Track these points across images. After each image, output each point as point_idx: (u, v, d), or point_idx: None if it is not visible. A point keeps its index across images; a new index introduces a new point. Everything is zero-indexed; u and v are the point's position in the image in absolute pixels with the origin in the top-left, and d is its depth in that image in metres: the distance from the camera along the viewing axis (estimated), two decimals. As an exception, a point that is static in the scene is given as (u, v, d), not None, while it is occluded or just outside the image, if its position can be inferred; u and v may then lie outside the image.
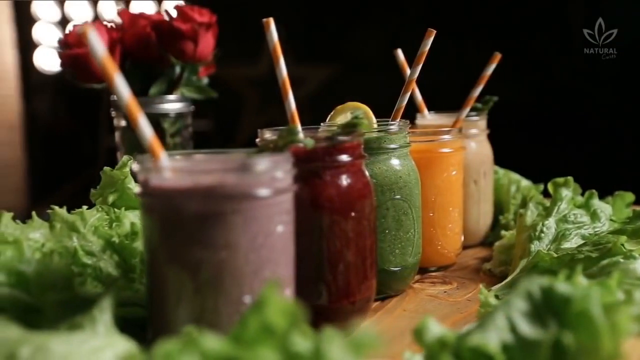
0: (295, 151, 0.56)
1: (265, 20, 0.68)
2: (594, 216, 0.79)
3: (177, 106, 1.02)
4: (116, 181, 0.72)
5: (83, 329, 0.47)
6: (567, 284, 0.46)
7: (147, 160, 0.51)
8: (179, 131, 1.03)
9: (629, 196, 0.86)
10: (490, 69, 0.91)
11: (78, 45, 0.97)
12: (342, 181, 0.62)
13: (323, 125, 0.75)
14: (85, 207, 0.68)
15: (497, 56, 0.90)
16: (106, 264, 0.63)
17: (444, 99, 1.01)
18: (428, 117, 1.00)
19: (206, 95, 1.08)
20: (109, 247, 0.65)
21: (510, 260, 0.81)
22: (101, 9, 3.48)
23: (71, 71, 1.01)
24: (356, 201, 0.62)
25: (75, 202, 0.72)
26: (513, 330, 0.44)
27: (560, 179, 0.83)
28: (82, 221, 0.65)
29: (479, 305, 0.63)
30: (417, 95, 0.99)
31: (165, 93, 1.03)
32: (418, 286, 0.80)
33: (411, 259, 0.76)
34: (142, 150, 0.52)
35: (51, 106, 3.71)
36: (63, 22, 3.51)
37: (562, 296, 0.45)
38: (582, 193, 0.82)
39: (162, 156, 0.51)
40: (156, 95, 1.02)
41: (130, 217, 0.69)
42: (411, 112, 0.95)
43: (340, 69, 2.86)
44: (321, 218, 0.61)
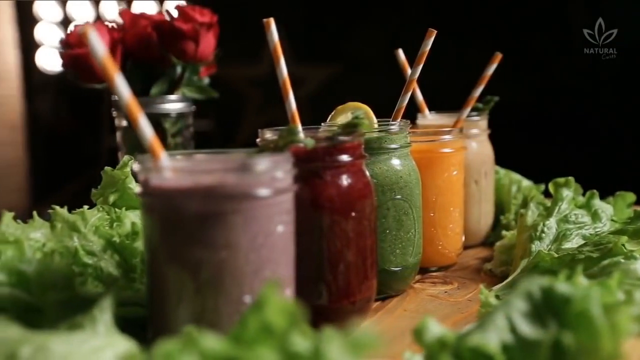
0: (295, 151, 0.56)
1: (265, 20, 0.68)
2: (595, 216, 0.78)
3: (178, 106, 1.02)
4: (117, 181, 0.72)
5: (83, 329, 0.47)
6: (567, 284, 0.46)
7: (148, 160, 0.51)
8: (180, 131, 1.03)
9: (630, 196, 0.86)
10: (491, 69, 0.91)
11: (79, 45, 0.98)
12: (343, 181, 0.62)
13: (324, 125, 0.75)
14: (86, 207, 0.68)
15: (498, 56, 0.90)
16: (107, 264, 0.63)
17: (445, 99, 1.01)
18: (429, 117, 1.00)
19: (207, 95, 1.08)
20: (110, 247, 0.65)
21: (511, 260, 0.81)
22: (103, 9, 3.49)
23: (73, 71, 1.02)
24: (356, 201, 0.62)
25: (77, 202, 0.72)
26: (513, 330, 0.44)
27: (561, 179, 0.83)
28: (83, 221, 0.65)
29: (480, 305, 0.63)
30: (418, 95, 0.99)
31: (166, 93, 1.03)
32: (419, 286, 0.80)
33: (412, 259, 0.76)
34: (143, 150, 0.52)
35: (53, 106, 3.72)
36: (65, 22, 3.51)
37: (562, 296, 0.45)
38: (583, 193, 0.82)
39: (163, 156, 0.51)
40: (157, 95, 1.02)
41: (131, 217, 0.70)
42: (412, 112, 0.95)
43: (341, 69, 2.86)
44: (321, 218, 0.61)
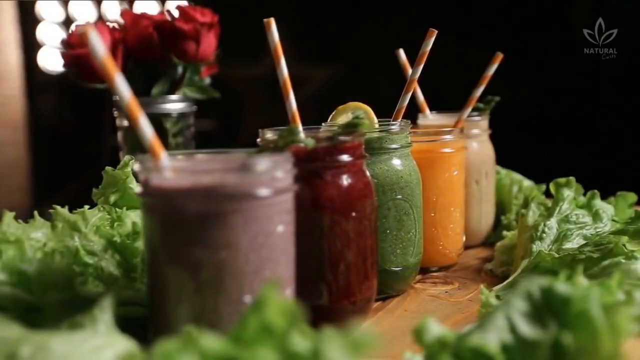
0: (295, 151, 0.56)
1: (266, 20, 0.68)
2: (596, 216, 0.78)
3: (179, 106, 1.02)
4: (118, 181, 0.72)
5: (84, 328, 0.47)
6: (567, 284, 0.46)
7: (148, 160, 0.51)
8: (181, 131, 1.03)
9: (631, 196, 0.86)
10: (492, 69, 0.91)
11: (81, 45, 0.98)
12: (343, 181, 0.62)
13: (324, 125, 0.75)
14: (87, 207, 0.68)
15: (499, 56, 0.90)
16: (107, 264, 0.63)
17: (446, 99, 1.01)
18: (430, 117, 1.00)
19: (208, 95, 1.08)
20: (111, 247, 0.65)
21: (511, 260, 0.81)
22: (105, 10, 3.49)
23: (74, 71, 1.02)
24: (357, 201, 0.62)
25: (79, 202, 0.72)
26: (513, 330, 0.44)
27: (562, 179, 0.83)
28: (84, 221, 0.66)
29: (480, 305, 0.63)
30: (419, 95, 0.99)
31: (167, 93, 1.03)
32: (419, 286, 0.79)
33: (412, 259, 0.76)
34: (145, 150, 0.52)
35: (55, 106, 3.72)
36: (67, 23, 3.51)
37: (562, 296, 0.45)
38: (584, 193, 0.82)
39: (163, 156, 0.51)
40: (158, 95, 1.02)
41: (131, 217, 0.70)
42: (413, 112, 0.95)
43: (342, 69, 2.86)
44: (322, 218, 0.61)
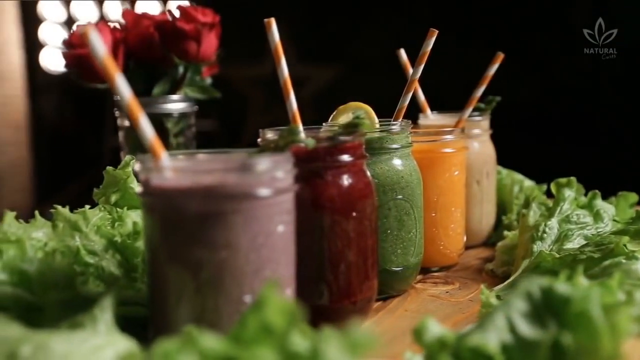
0: (296, 151, 0.56)
1: (266, 20, 0.68)
2: (597, 217, 0.78)
3: (181, 106, 1.02)
4: (119, 181, 0.72)
5: (84, 328, 0.47)
6: (567, 285, 0.45)
7: (148, 160, 0.51)
8: (182, 131, 1.03)
9: (633, 197, 0.86)
10: (492, 69, 0.91)
11: (82, 45, 0.98)
12: (344, 181, 0.62)
13: (325, 125, 0.75)
14: (87, 207, 0.68)
15: (500, 56, 0.90)
16: (108, 263, 0.63)
17: (447, 99, 1.01)
18: (430, 117, 1.00)
19: (209, 95, 1.08)
20: (111, 247, 0.65)
21: (512, 260, 0.81)
22: (106, 10, 3.49)
23: (76, 71, 1.02)
24: (357, 201, 0.62)
25: (80, 202, 0.72)
26: (512, 330, 0.44)
27: (563, 180, 0.82)
28: (85, 220, 0.66)
29: (481, 305, 0.63)
30: (420, 95, 0.99)
31: (168, 93, 1.03)
32: (420, 286, 0.79)
33: (413, 259, 0.76)
34: (145, 150, 0.52)
35: (57, 106, 3.73)
36: (69, 23, 3.52)
37: (562, 296, 0.45)
38: (585, 193, 0.82)
39: (163, 156, 0.51)
40: (159, 95, 1.02)
41: (132, 217, 0.70)
42: (413, 112, 0.95)
43: (343, 69, 2.86)
44: (322, 218, 0.61)
